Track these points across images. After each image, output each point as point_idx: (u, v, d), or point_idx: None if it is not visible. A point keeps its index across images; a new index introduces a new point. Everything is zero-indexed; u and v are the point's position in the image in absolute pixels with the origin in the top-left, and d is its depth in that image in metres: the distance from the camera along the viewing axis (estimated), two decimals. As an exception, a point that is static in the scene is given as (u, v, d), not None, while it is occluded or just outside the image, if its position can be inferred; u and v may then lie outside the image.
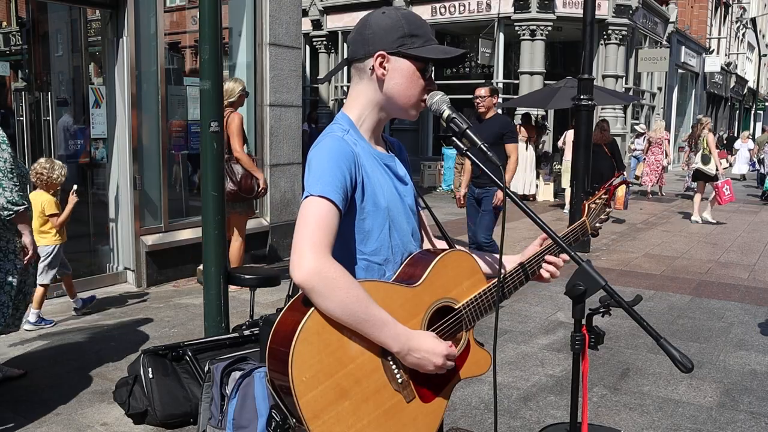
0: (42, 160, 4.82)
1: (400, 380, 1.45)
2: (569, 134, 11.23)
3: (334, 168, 1.43)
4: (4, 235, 3.47)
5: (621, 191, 10.97)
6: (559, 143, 12.80)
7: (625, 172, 12.84)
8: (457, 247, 1.74)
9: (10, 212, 3.39)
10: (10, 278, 3.50)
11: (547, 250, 1.75)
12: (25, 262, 3.54)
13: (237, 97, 5.58)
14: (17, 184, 3.42)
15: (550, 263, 1.75)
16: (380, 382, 1.42)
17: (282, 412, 1.37)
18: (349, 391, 1.37)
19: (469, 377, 1.61)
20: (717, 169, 10.42)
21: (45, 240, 4.69)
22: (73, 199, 4.83)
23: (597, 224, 1.94)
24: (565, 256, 1.74)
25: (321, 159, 1.46)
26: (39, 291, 4.58)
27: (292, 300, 1.44)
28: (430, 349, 1.45)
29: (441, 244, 1.81)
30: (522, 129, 13.38)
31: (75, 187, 4.88)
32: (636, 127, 17.26)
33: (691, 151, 11.14)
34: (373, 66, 1.54)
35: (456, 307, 1.57)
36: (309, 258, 1.35)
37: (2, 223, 3.43)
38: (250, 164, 5.62)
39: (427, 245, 1.79)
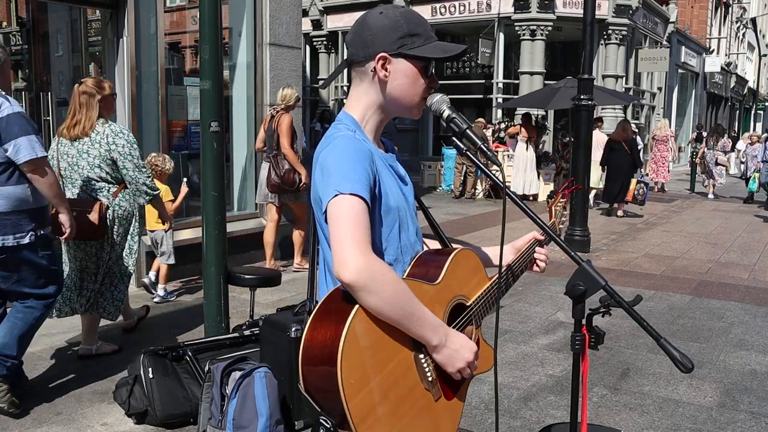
0: (154, 154, 5.52)
1: (430, 378, 1.45)
2: (596, 134, 11.82)
3: (357, 166, 1.42)
4: (131, 222, 4.18)
5: (633, 184, 11.26)
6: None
7: (642, 170, 13.04)
8: (455, 246, 1.76)
9: (150, 197, 4.11)
10: (131, 268, 4.16)
11: (536, 245, 1.87)
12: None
13: (293, 102, 6.30)
14: (150, 174, 4.15)
15: (541, 253, 1.88)
16: (413, 382, 1.42)
17: (334, 417, 1.32)
18: (389, 392, 1.35)
19: (478, 374, 1.62)
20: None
21: (160, 226, 5.19)
22: (184, 189, 5.56)
23: (560, 225, 2.07)
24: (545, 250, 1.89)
25: (341, 157, 1.43)
26: (164, 269, 5.49)
27: (325, 298, 1.41)
28: (463, 343, 1.47)
29: (433, 244, 1.81)
30: (522, 129, 13.39)
31: (185, 179, 5.63)
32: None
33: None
34: (374, 68, 1.52)
35: (468, 304, 1.60)
36: (355, 256, 1.33)
37: (132, 212, 4.14)
38: (294, 160, 6.19)
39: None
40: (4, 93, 3.22)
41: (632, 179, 11.30)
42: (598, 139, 11.12)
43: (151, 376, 3.31)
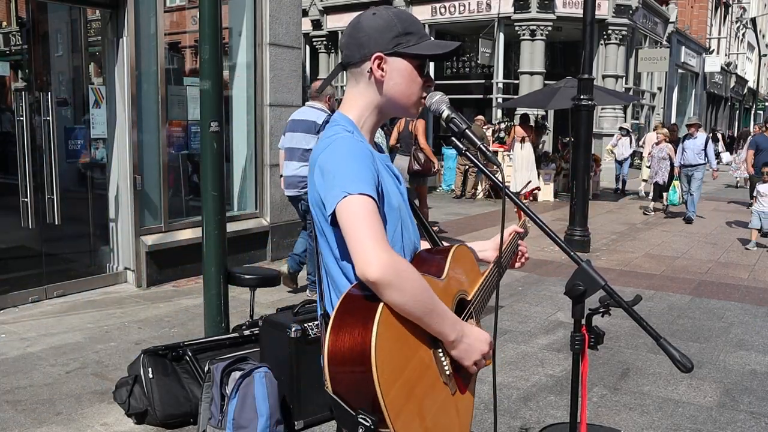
0: None
1: (447, 372, 1.46)
2: (649, 136, 13.73)
3: (362, 166, 1.41)
4: None
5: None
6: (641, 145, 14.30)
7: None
8: (446, 243, 1.78)
9: None
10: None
11: (517, 238, 1.92)
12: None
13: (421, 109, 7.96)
14: None
15: (522, 245, 1.95)
16: (434, 377, 1.43)
17: (373, 414, 1.29)
18: (414, 388, 1.36)
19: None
20: None
21: None
22: None
23: (527, 225, 2.07)
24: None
25: (344, 159, 1.42)
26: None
27: (341, 301, 1.39)
28: (479, 336, 1.49)
29: (423, 244, 1.82)
30: (517, 129, 13.39)
31: None
32: (623, 125, 14.91)
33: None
34: (371, 68, 1.52)
35: (468, 298, 1.62)
36: (378, 254, 1.32)
37: None
38: (430, 153, 8.48)
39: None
40: None
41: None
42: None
43: (151, 376, 3.31)
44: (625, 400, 3.80)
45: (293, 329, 3.00)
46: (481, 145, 1.55)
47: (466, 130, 1.55)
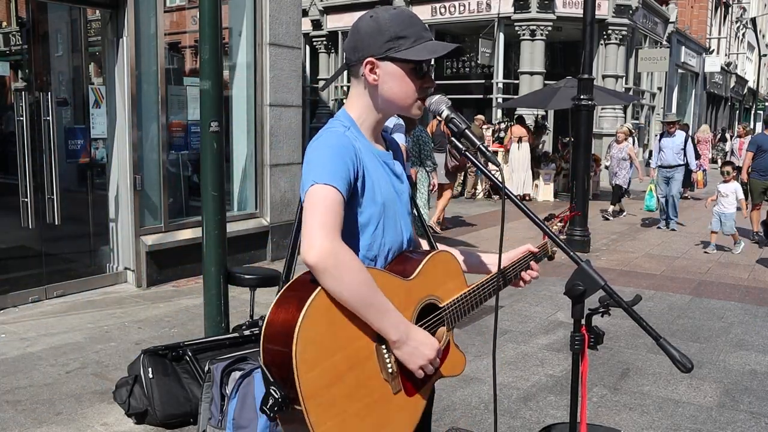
0: None
1: (390, 370, 1.46)
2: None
3: (337, 159, 1.45)
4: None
5: (700, 176, 12.75)
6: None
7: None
8: (441, 247, 1.79)
9: (432, 168, 7.20)
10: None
11: (530, 258, 1.89)
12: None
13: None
14: None
15: (534, 269, 1.91)
16: (372, 370, 1.43)
17: (282, 389, 1.35)
18: (344, 375, 1.37)
19: (446, 376, 1.63)
20: None
21: None
22: None
23: (554, 248, 2.04)
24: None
25: (323, 151, 1.47)
26: None
27: (291, 281, 1.45)
28: (425, 341, 1.48)
29: (425, 244, 1.83)
30: (514, 129, 13.39)
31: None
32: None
33: None
34: (364, 73, 1.55)
35: (441, 305, 1.61)
36: (321, 239, 1.36)
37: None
38: None
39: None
40: None
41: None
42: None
43: (151, 376, 3.31)
44: (625, 400, 3.80)
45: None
46: (481, 146, 1.55)
47: (466, 130, 1.56)
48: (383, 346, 1.44)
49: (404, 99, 1.58)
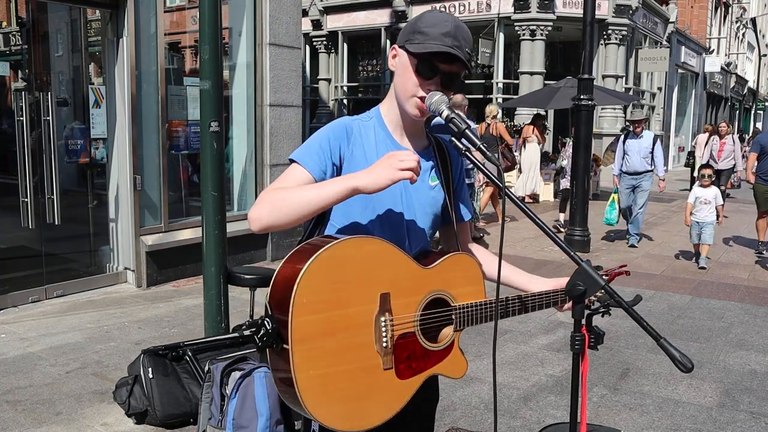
0: None
1: (385, 344, 1.46)
2: (701, 138, 14.00)
3: (316, 141, 1.57)
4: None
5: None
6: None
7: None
8: (478, 251, 1.80)
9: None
10: None
11: (559, 294, 1.76)
12: None
13: (497, 113, 10.54)
14: None
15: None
16: (366, 339, 1.44)
17: (279, 325, 1.38)
18: (336, 333, 1.39)
19: (443, 375, 1.62)
20: None
21: None
22: None
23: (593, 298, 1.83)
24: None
25: (314, 134, 1.60)
26: None
27: (303, 242, 1.51)
28: (391, 155, 1.45)
29: (477, 249, 1.86)
30: (536, 130, 13.29)
31: None
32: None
33: None
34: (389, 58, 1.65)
35: (452, 304, 1.60)
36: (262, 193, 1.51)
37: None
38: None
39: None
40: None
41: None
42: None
43: (150, 376, 3.31)
44: (625, 400, 3.80)
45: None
46: (481, 146, 1.55)
47: (466, 130, 1.55)
48: (383, 318, 1.45)
49: (403, 91, 1.60)
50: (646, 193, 8.50)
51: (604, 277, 1.93)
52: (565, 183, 10.06)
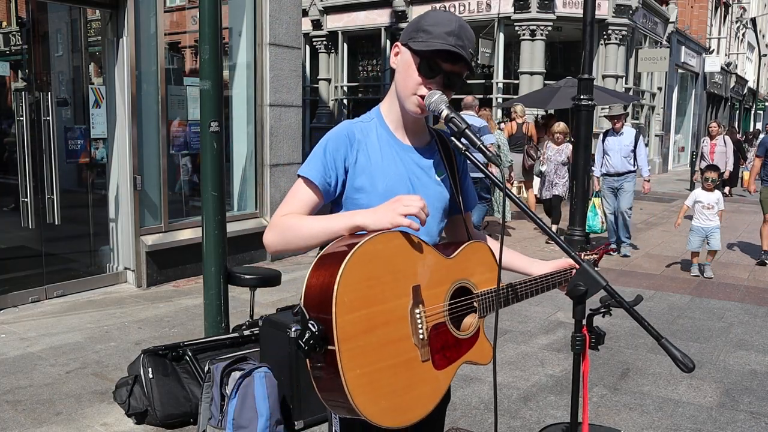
0: None
1: (421, 336, 1.46)
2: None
3: (322, 152, 1.58)
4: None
5: (746, 175, 12.53)
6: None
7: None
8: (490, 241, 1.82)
9: (509, 164, 7.80)
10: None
11: (565, 273, 1.85)
12: None
13: (525, 113, 11.21)
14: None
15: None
16: (404, 332, 1.44)
17: (324, 325, 1.34)
18: (376, 329, 1.39)
19: (473, 363, 1.63)
20: None
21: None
22: None
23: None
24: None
25: (318, 144, 1.62)
26: None
27: (332, 243, 1.49)
28: (397, 199, 1.47)
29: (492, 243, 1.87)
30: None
31: None
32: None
33: None
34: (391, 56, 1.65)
35: (475, 291, 1.62)
36: (273, 217, 1.58)
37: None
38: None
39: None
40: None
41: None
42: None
43: (151, 376, 3.31)
44: (625, 400, 3.80)
45: (293, 329, 3.00)
46: (481, 145, 1.54)
47: (466, 130, 1.55)
48: (417, 309, 1.46)
49: (403, 89, 1.60)
50: (629, 194, 7.91)
51: (591, 255, 2.02)
52: (546, 192, 8.77)
